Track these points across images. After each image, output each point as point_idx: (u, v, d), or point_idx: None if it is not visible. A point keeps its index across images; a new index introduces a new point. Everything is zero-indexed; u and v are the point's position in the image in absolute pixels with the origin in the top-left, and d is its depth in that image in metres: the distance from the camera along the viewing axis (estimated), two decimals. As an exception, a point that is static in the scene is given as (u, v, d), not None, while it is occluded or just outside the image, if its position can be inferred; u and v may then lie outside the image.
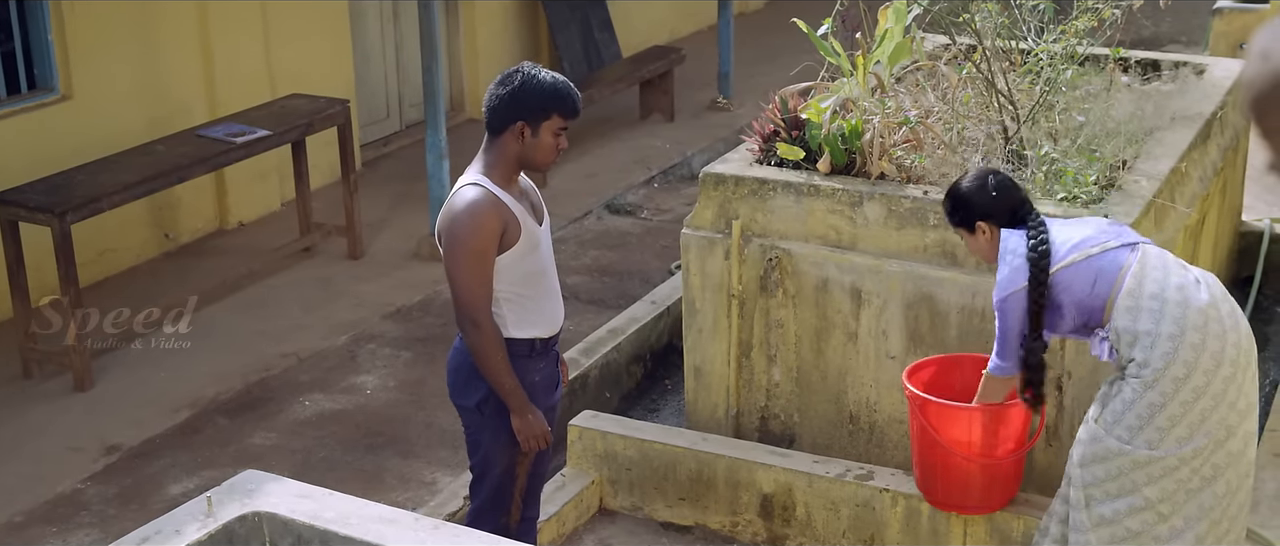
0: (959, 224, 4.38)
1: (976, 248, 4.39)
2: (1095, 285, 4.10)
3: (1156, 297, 4.01)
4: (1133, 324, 4.01)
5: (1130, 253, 4.12)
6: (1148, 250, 4.14)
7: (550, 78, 4.10)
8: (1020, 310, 4.16)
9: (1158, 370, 3.98)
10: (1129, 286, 4.05)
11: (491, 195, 4.05)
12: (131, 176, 6.84)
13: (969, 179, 4.37)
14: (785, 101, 5.40)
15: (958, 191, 4.37)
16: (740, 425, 5.48)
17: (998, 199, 4.27)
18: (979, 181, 4.32)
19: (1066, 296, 4.12)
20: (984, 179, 4.32)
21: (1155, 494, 4.06)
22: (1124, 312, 4.03)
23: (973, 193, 4.31)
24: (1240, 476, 4.15)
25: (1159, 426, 4.01)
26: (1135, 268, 4.07)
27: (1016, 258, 4.16)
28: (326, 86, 8.59)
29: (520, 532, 4.40)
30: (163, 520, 3.28)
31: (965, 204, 4.33)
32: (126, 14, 7.69)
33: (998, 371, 4.35)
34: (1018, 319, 4.18)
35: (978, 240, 4.34)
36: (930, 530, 4.94)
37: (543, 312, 4.23)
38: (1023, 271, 4.13)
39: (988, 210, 4.28)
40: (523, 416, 4.17)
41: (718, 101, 10.96)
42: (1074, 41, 5.36)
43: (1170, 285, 4.03)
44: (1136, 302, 4.02)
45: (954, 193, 4.39)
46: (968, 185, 4.34)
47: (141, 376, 6.66)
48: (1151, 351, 3.99)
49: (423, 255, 7.96)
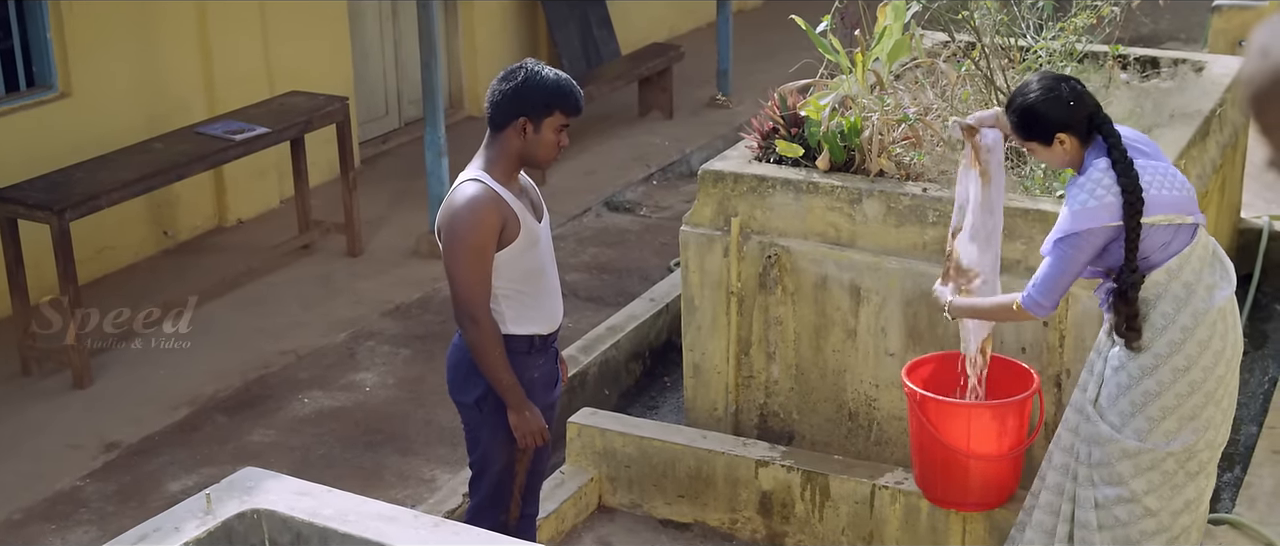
0: (1032, 137, 4.07)
1: (1052, 158, 4.11)
2: (1158, 252, 3.96)
3: (1188, 287, 3.99)
4: (1154, 298, 3.98)
5: (1192, 235, 4.02)
6: (1202, 235, 4.06)
7: (553, 74, 4.10)
8: (1092, 248, 3.94)
9: (1160, 355, 3.98)
10: (1172, 265, 3.97)
11: (491, 191, 4.05)
12: (130, 174, 6.84)
13: (1038, 89, 4.05)
14: (784, 99, 5.40)
15: (1029, 105, 4.03)
16: (739, 422, 5.48)
17: (1075, 108, 4.00)
18: (1053, 92, 4.03)
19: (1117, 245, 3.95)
20: (1057, 88, 4.03)
21: (1141, 486, 4.07)
22: (1153, 285, 3.97)
23: (1048, 104, 4.00)
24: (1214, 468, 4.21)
25: (1150, 416, 4.02)
26: (1185, 251, 3.99)
27: (1105, 193, 3.90)
28: (325, 84, 8.58)
29: (519, 530, 4.40)
30: (162, 517, 3.28)
31: (1041, 117, 4.01)
32: (125, 12, 7.68)
33: (1032, 308, 4.06)
34: (1085, 256, 3.95)
35: (1055, 152, 4.06)
36: (929, 527, 4.94)
37: (542, 309, 4.24)
38: (1114, 209, 3.89)
39: (1066, 121, 4.01)
40: (521, 413, 4.17)
41: (717, 99, 10.95)
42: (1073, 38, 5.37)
43: (1202, 282, 4.01)
44: (1169, 281, 3.98)
45: (1025, 106, 4.04)
46: (1039, 96, 4.03)
47: (140, 374, 6.66)
48: (1159, 335, 3.98)
49: (422, 252, 7.96)
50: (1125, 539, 4.14)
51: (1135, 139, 4.11)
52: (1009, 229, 4.77)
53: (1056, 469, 4.29)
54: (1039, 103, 4.03)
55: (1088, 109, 4.03)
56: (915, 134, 5.18)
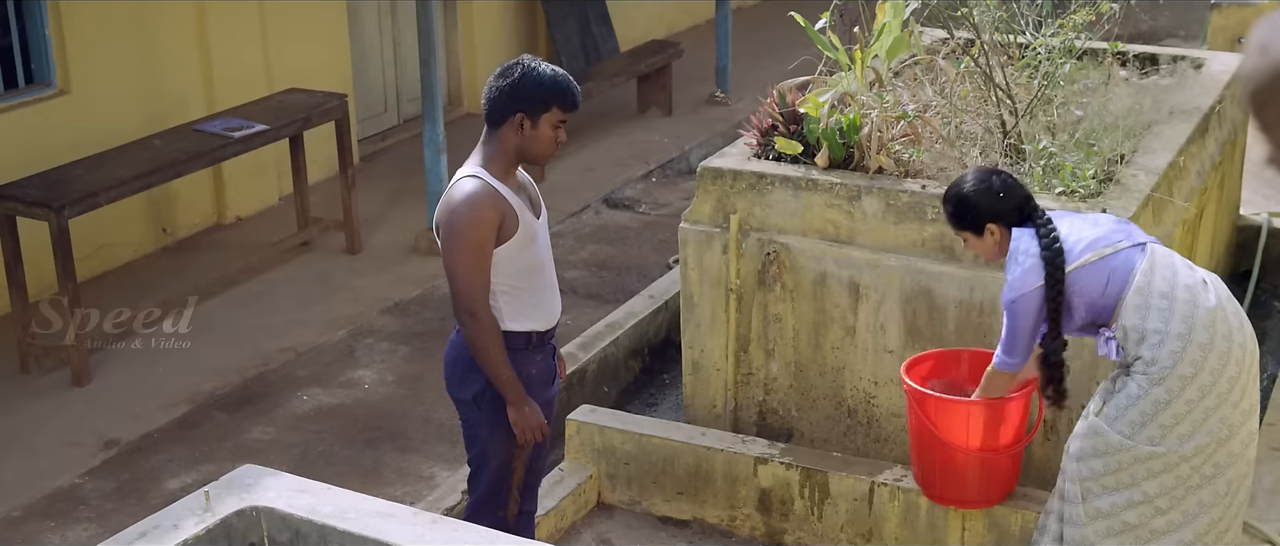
0: (964, 227, 4.28)
1: (983, 249, 4.30)
2: (1108, 285, 4.06)
3: (1166, 296, 4.01)
4: (1141, 322, 4.00)
5: (1140, 252, 4.09)
6: (1156, 250, 4.12)
7: (550, 70, 4.10)
8: (1033, 311, 4.11)
9: (1166, 367, 3.98)
10: (1138, 284, 4.02)
11: (489, 187, 4.05)
12: (129, 171, 6.84)
13: (971, 182, 4.25)
14: (783, 96, 5.40)
15: (962, 195, 4.25)
16: (738, 419, 5.48)
17: (1005, 199, 4.19)
18: (983, 183, 4.22)
19: (1078, 297, 4.09)
20: (988, 180, 4.23)
21: (1154, 488, 4.06)
22: (1133, 311, 4.02)
23: (980, 195, 4.21)
24: (1240, 475, 4.16)
25: (1162, 424, 4.01)
26: (1145, 266, 4.04)
27: (1029, 258, 4.09)
28: (324, 81, 8.58)
29: (518, 526, 4.39)
30: (161, 514, 3.28)
31: (972, 208, 4.23)
32: (124, 8, 7.68)
33: (1004, 366, 4.31)
34: (1030, 319, 4.13)
35: (985, 242, 4.26)
36: (928, 524, 4.94)
37: (540, 306, 4.24)
38: (1037, 272, 4.07)
39: (997, 211, 4.19)
40: (520, 409, 4.17)
41: (716, 96, 10.95)
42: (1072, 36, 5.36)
43: (1179, 285, 4.03)
44: (1146, 301, 4.01)
45: (958, 197, 4.27)
46: (972, 188, 4.23)
47: (139, 371, 6.66)
48: (1160, 349, 3.98)
49: (421, 250, 7.96)
50: (1136, 539, 4.12)
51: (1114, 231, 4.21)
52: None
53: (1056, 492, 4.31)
54: (970, 193, 4.24)
55: (1017, 200, 4.21)
56: (914, 131, 5.18)
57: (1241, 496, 4.19)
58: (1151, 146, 5.38)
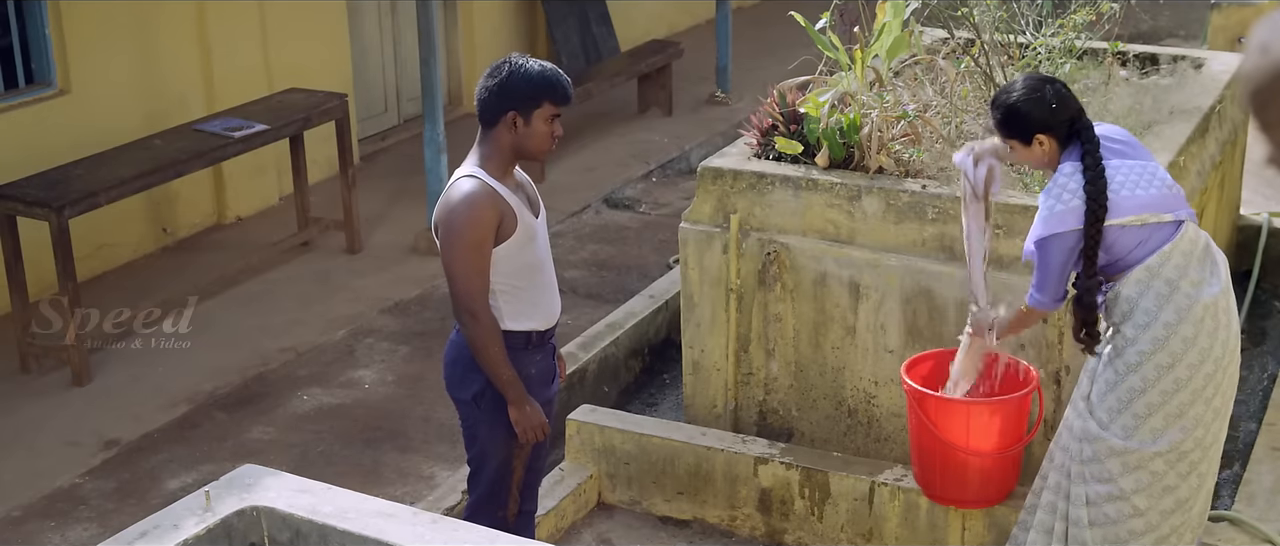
0: (1012, 135, 4.12)
1: (1031, 158, 4.16)
2: (1135, 250, 3.99)
3: (1170, 284, 3.99)
4: (1136, 297, 3.99)
5: (1174, 232, 4.03)
6: (1187, 230, 4.04)
7: (538, 66, 4.10)
8: (1065, 251, 4.00)
9: (1144, 352, 3.98)
10: (1152, 263, 3.99)
11: (488, 187, 4.05)
12: (129, 171, 6.84)
13: (1022, 90, 4.10)
14: (783, 96, 5.40)
15: (1012, 103, 4.09)
16: (738, 419, 5.48)
17: (1057, 111, 4.05)
18: (1035, 92, 4.08)
19: (1105, 252, 3.99)
20: (1041, 89, 4.08)
21: (1130, 485, 4.08)
22: (1134, 283, 4.00)
23: (1031, 104, 4.06)
24: (1212, 470, 4.20)
25: (1135, 413, 4.02)
26: (1167, 248, 4.00)
27: (1071, 198, 3.96)
28: (324, 81, 8.58)
29: (518, 526, 4.39)
30: (161, 514, 3.28)
31: (1022, 117, 4.08)
32: (124, 8, 7.68)
33: (1037, 304, 4.16)
34: (1062, 257, 4.02)
35: (1034, 152, 4.12)
36: (929, 524, 4.94)
37: (539, 305, 4.24)
38: (1075, 215, 3.94)
39: (1048, 122, 4.05)
40: (520, 408, 4.17)
41: (716, 96, 10.95)
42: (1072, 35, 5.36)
43: (1187, 278, 4.00)
44: (1150, 279, 3.99)
45: (1007, 105, 4.10)
46: (1022, 97, 4.08)
47: (139, 371, 6.66)
48: (1144, 332, 3.98)
49: (421, 249, 7.96)
50: (1114, 537, 4.14)
51: (1116, 138, 4.13)
52: (1010, 225, 4.78)
53: (1057, 468, 4.29)
54: (1022, 102, 4.08)
55: (1070, 112, 4.08)
56: (914, 131, 5.18)
57: (1209, 483, 4.21)
58: (1151, 146, 5.37)
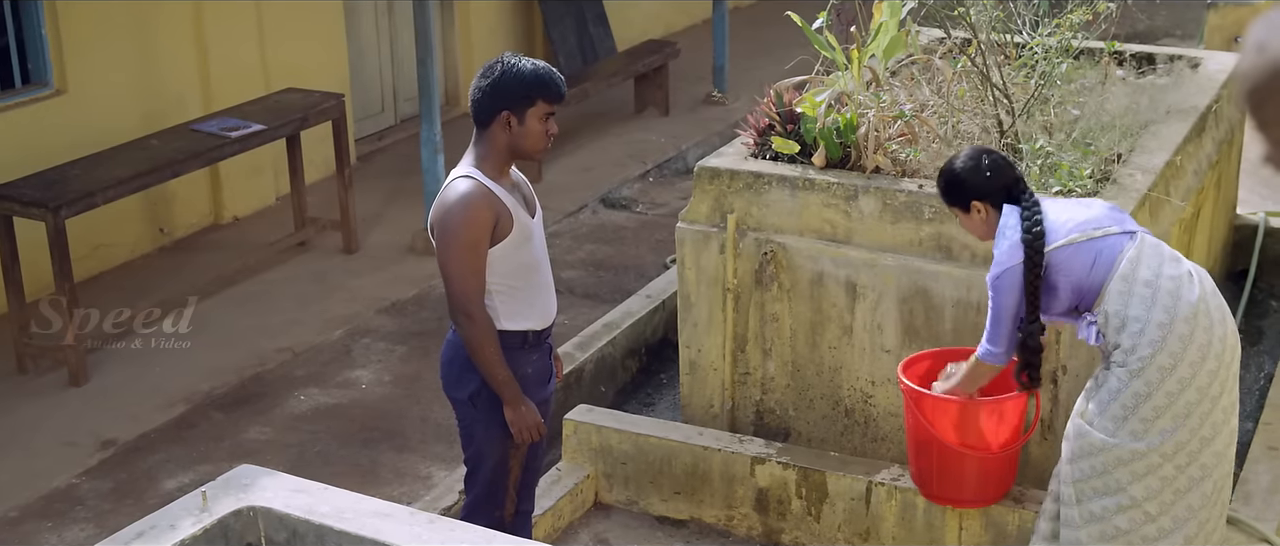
0: (953, 203, 4.35)
1: (972, 227, 4.36)
2: (1093, 268, 4.08)
3: (1150, 284, 4.02)
4: (1123, 308, 4.01)
5: (1129, 240, 4.11)
6: (1145, 239, 4.13)
7: (530, 64, 4.10)
8: (1015, 289, 4.13)
9: (1145, 357, 3.99)
10: (1123, 271, 4.04)
11: (483, 187, 4.05)
12: (126, 171, 6.83)
13: (962, 158, 4.33)
14: (780, 95, 5.40)
15: (951, 171, 4.33)
16: (735, 419, 5.48)
17: (992, 178, 4.24)
18: (973, 161, 4.29)
19: (1063, 277, 4.10)
20: (978, 158, 4.29)
21: (1140, 492, 4.06)
22: (1116, 296, 4.03)
23: (967, 172, 4.28)
24: (1224, 476, 4.18)
25: (1143, 417, 4.01)
26: (1132, 253, 4.06)
27: (1013, 234, 4.14)
28: (321, 81, 8.58)
29: (515, 526, 4.40)
30: (158, 515, 3.28)
31: (959, 183, 4.30)
32: (121, 8, 7.68)
33: (987, 357, 4.31)
34: (1011, 298, 4.15)
35: (973, 219, 4.31)
36: (925, 523, 4.94)
37: (535, 305, 4.23)
38: (1018, 250, 4.11)
39: (982, 189, 4.25)
40: (516, 408, 4.17)
41: (713, 95, 10.95)
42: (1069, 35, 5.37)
43: (1164, 275, 4.04)
44: (1129, 287, 4.02)
45: (948, 172, 4.35)
46: (961, 165, 4.30)
47: (136, 371, 6.65)
48: (1140, 338, 3.99)
49: (417, 249, 7.96)
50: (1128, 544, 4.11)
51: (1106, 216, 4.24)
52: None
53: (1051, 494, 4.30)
54: (960, 170, 4.31)
55: (1005, 180, 4.27)
56: (911, 130, 5.18)
57: (1225, 494, 4.21)
58: (1148, 146, 5.38)
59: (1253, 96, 1.85)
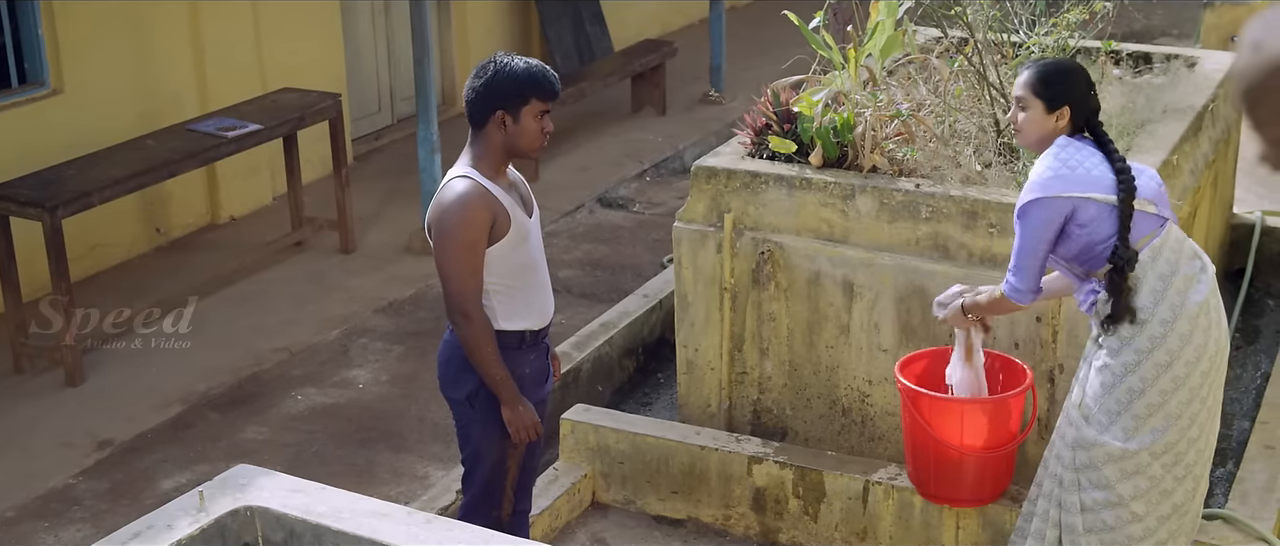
0: (1042, 94, 4.11)
1: (1036, 125, 4.14)
2: (1113, 237, 3.98)
3: (1164, 278, 4.00)
4: (1133, 293, 4.00)
5: (1158, 226, 4.05)
6: (1172, 230, 4.08)
7: (523, 63, 4.10)
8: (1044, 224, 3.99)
9: (1141, 351, 3.98)
10: (1143, 257, 4.00)
11: (480, 187, 4.05)
12: (122, 171, 6.83)
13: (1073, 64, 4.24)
14: (777, 95, 5.40)
15: (1062, 65, 4.20)
16: (733, 418, 5.48)
17: (1093, 97, 4.14)
18: (1083, 71, 4.18)
19: (1083, 231, 3.99)
20: (1086, 73, 4.19)
21: (1127, 491, 4.07)
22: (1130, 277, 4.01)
23: (1081, 78, 4.15)
24: (1203, 472, 4.20)
25: (1135, 414, 4.01)
26: (1156, 242, 4.01)
27: (1062, 167, 3.99)
28: (318, 80, 8.57)
29: (512, 526, 4.40)
30: (155, 515, 3.28)
31: (1065, 80, 4.13)
32: (117, 8, 7.67)
33: (1012, 293, 4.15)
34: (1039, 232, 4.01)
35: (1044, 122, 4.12)
36: (923, 523, 4.95)
37: (532, 305, 4.23)
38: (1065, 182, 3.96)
39: (1079, 99, 4.11)
40: (513, 408, 4.17)
41: (709, 95, 10.95)
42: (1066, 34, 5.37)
43: (1180, 272, 4.02)
44: (1144, 272, 4.00)
45: (1058, 63, 4.22)
46: (1072, 66, 4.20)
47: (133, 371, 6.65)
48: (1140, 330, 3.98)
49: (414, 249, 7.96)
50: (1112, 543, 4.13)
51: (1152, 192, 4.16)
52: (1002, 225, 4.78)
53: (1051, 477, 4.29)
54: (1071, 68, 4.19)
55: (1093, 106, 4.15)
56: (908, 130, 5.19)
57: (1202, 489, 4.22)
58: (1145, 145, 5.38)
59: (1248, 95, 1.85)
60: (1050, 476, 4.30)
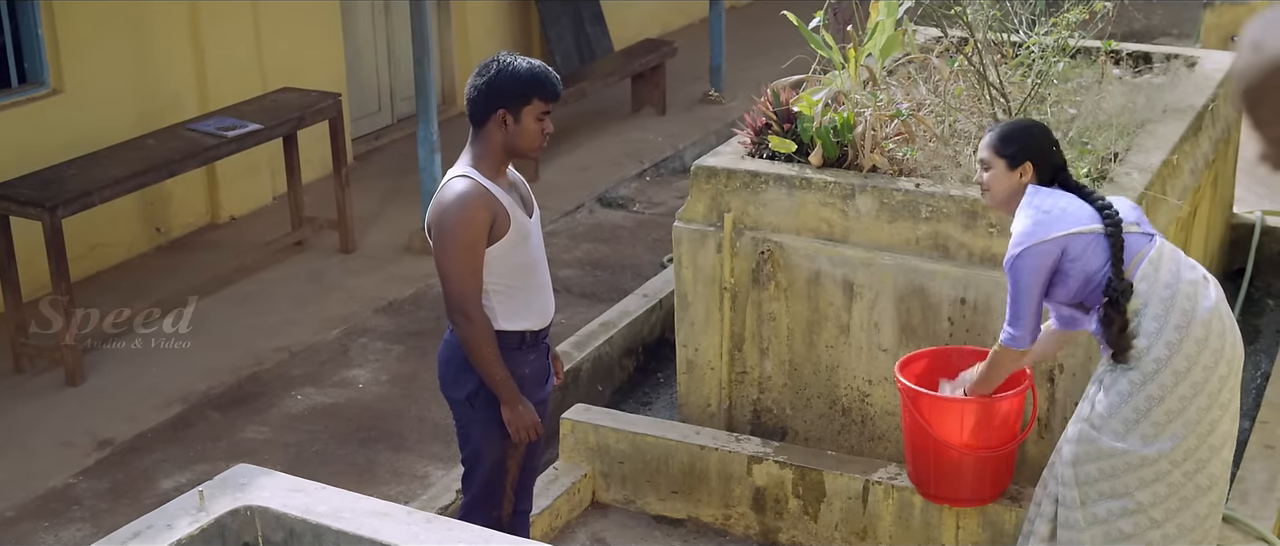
0: (1003, 153, 4.19)
1: (996, 184, 4.21)
2: (1109, 262, 4.01)
3: (1170, 287, 4.00)
4: (1140, 309, 3.99)
5: (1149, 241, 4.08)
6: (1164, 243, 4.11)
7: (526, 63, 4.10)
8: (1036, 271, 4.03)
9: (1160, 360, 3.96)
10: (1144, 271, 4.00)
11: (480, 187, 4.05)
12: (122, 171, 6.83)
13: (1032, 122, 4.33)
14: (777, 94, 5.40)
15: (1023, 125, 4.29)
16: (732, 418, 5.48)
17: (1055, 154, 4.21)
18: (1044, 131, 4.26)
19: (1076, 266, 4.02)
20: (1048, 132, 4.28)
21: (1147, 498, 4.03)
22: (1135, 296, 4.01)
23: (1038, 131, 4.24)
24: (1226, 483, 4.18)
25: (1155, 421, 3.99)
26: (1152, 255, 4.03)
27: (1045, 213, 4.05)
28: (318, 80, 8.57)
29: (512, 526, 4.40)
30: (155, 514, 3.28)
31: (1025, 136, 4.21)
32: (117, 8, 7.67)
33: (1010, 341, 4.18)
34: (1032, 277, 4.04)
35: (1007, 178, 4.18)
36: (923, 522, 4.95)
37: (533, 305, 4.23)
38: (1047, 225, 4.01)
39: (1039, 155, 4.17)
40: (513, 408, 4.17)
41: (709, 95, 10.95)
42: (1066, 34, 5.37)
43: (1183, 279, 4.02)
44: (1150, 288, 3.99)
45: (1019, 123, 4.33)
46: (1032, 124, 4.29)
47: (133, 371, 6.65)
48: (1156, 339, 3.97)
49: (414, 249, 7.96)
50: None
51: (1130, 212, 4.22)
52: (1002, 225, 4.77)
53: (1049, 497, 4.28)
54: (1029, 125, 4.29)
55: (1059, 160, 4.24)
56: (908, 129, 5.19)
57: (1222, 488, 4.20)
58: (1145, 145, 5.38)
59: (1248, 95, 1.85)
60: (1048, 496, 4.28)
